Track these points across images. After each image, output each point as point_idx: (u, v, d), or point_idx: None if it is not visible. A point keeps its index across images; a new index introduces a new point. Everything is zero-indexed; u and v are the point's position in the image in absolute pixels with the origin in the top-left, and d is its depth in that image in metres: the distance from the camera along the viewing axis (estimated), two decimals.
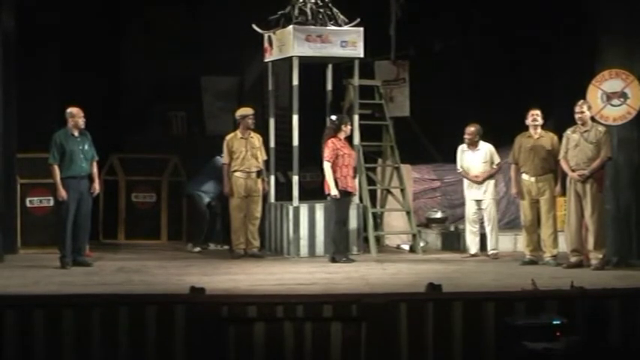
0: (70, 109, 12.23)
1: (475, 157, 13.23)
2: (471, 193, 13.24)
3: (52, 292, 9.80)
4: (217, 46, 15.28)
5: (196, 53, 15.33)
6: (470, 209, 13.25)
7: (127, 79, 15.71)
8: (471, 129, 13.20)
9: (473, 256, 13.13)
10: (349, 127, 12.91)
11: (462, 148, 13.33)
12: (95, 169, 12.41)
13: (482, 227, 13.25)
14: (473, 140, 13.23)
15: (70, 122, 12.23)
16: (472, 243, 13.23)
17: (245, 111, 13.39)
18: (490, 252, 13.13)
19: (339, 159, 12.65)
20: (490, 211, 13.17)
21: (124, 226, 15.16)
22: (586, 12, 12.98)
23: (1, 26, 12.73)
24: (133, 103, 15.66)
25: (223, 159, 13.33)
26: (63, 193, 12.02)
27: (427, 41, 15.51)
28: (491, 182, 13.20)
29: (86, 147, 12.28)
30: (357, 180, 13.19)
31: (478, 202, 13.20)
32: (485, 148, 13.24)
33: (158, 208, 15.16)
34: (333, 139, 12.73)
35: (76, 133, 12.23)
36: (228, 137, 13.34)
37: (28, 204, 13.63)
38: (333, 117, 12.98)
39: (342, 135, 12.81)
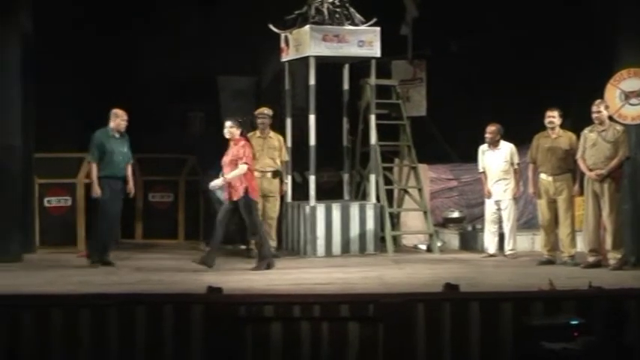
0: (114, 110, 12.37)
1: (496, 156, 13.18)
2: (491, 194, 13.19)
3: (69, 292, 9.82)
4: (234, 46, 15.29)
5: (213, 53, 15.34)
6: (489, 209, 13.21)
7: (144, 79, 15.72)
8: (491, 128, 13.16)
9: (491, 256, 13.09)
10: (224, 129, 12.09)
11: (483, 149, 13.28)
12: (130, 171, 12.51)
13: (500, 227, 13.20)
14: (494, 139, 13.18)
15: (113, 123, 12.33)
16: (490, 243, 13.19)
17: (258, 110, 13.41)
18: (508, 252, 13.08)
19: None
20: (509, 212, 13.12)
21: (141, 225, 15.19)
22: (602, 11, 12.92)
23: (20, 28, 12.78)
24: (150, 103, 15.67)
25: None
26: (98, 191, 12.10)
27: (444, 41, 15.47)
28: (511, 183, 13.14)
29: (125, 149, 12.40)
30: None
31: (497, 202, 13.15)
32: (506, 148, 13.18)
33: (175, 208, 15.19)
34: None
35: (117, 135, 12.33)
36: (248, 135, 13.35)
37: (45, 204, 13.68)
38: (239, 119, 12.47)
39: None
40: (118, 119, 12.36)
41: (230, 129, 11.99)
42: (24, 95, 12.73)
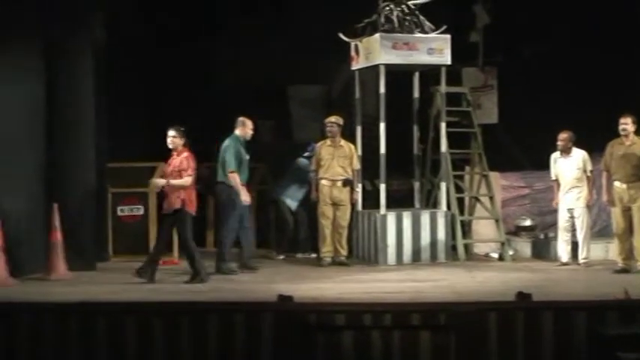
0: (241, 119, 12.61)
1: (568, 164, 13.01)
2: (564, 202, 13.03)
3: (141, 300, 9.92)
4: (304, 55, 15.33)
5: (283, 62, 15.40)
6: (562, 217, 13.05)
7: (215, 89, 15.84)
8: (563, 135, 13.00)
9: (564, 264, 12.93)
10: (168, 138, 11.78)
11: (555, 156, 13.12)
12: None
13: (573, 235, 13.03)
14: (566, 147, 13.01)
15: (240, 131, 12.53)
16: (564, 251, 13.02)
17: (327, 119, 13.43)
18: (581, 260, 12.91)
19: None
20: (582, 220, 12.95)
21: (212, 234, 15.27)
22: None
23: (93, 38, 12.97)
24: (221, 113, 15.75)
25: (312, 166, 13.41)
26: (248, 198, 12.35)
27: (515, 47, 15.34)
28: (584, 190, 12.96)
29: (248, 157, 12.61)
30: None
31: (570, 210, 12.99)
32: (579, 155, 13.00)
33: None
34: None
35: (243, 142, 12.56)
36: (318, 144, 13.40)
37: (119, 212, 13.83)
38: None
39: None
40: (246, 128, 12.58)
41: (173, 139, 11.71)
42: (96, 108, 12.90)
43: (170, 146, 11.75)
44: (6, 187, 11.75)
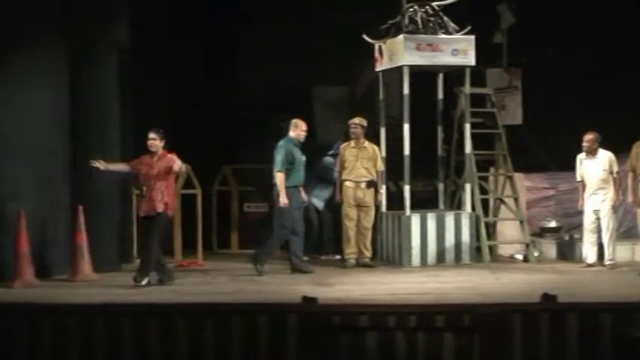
0: (295, 120, 12.67)
1: (594, 165, 12.93)
2: (590, 203, 12.96)
3: (166, 301, 9.95)
4: (328, 57, 15.33)
5: (307, 63, 15.40)
6: (588, 219, 12.97)
7: (238, 90, 15.87)
8: (589, 136, 12.91)
9: (590, 266, 12.86)
10: (148, 141, 11.58)
11: (581, 157, 13.04)
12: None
13: (599, 237, 12.96)
14: (591, 148, 12.93)
15: (293, 132, 12.58)
16: (590, 253, 12.95)
17: (351, 120, 13.41)
18: (607, 262, 12.84)
19: (139, 175, 11.63)
20: (608, 221, 12.87)
21: (236, 236, 15.31)
22: None
23: (118, 40, 13.01)
24: (245, 114, 15.80)
25: (336, 167, 13.41)
26: (286, 200, 12.31)
27: (539, 47, 15.28)
28: (610, 192, 12.89)
29: (303, 158, 12.63)
30: None
31: (596, 211, 12.91)
32: (605, 157, 12.92)
33: (270, 218, 15.22)
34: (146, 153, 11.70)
35: (297, 144, 12.58)
36: (342, 146, 13.40)
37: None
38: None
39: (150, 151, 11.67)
40: (298, 129, 12.61)
41: (153, 141, 11.55)
42: (122, 109, 12.95)
43: (152, 149, 11.55)
44: (31, 189, 11.82)
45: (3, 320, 8.79)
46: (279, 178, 12.40)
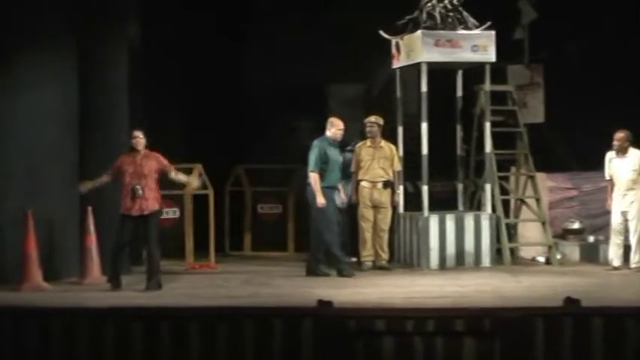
0: (331, 119, 12.70)
1: (624, 164, 12.85)
2: (618, 204, 12.88)
3: (177, 305, 9.95)
4: (343, 53, 15.33)
5: (321, 60, 15.40)
6: (615, 220, 12.90)
7: (252, 89, 15.89)
8: (620, 135, 12.83)
9: (615, 269, 12.80)
10: (135, 139, 11.58)
11: (610, 156, 12.98)
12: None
13: (626, 239, 12.90)
14: (622, 146, 12.86)
15: (329, 132, 12.61)
16: (616, 255, 12.89)
17: (367, 119, 13.39)
18: (633, 265, 12.77)
19: (122, 176, 11.54)
20: (636, 223, 12.79)
21: (249, 237, 15.32)
22: None
23: (128, 37, 13.03)
24: (258, 113, 15.82)
25: (352, 167, 13.40)
26: (323, 201, 12.34)
27: (562, 43, 15.23)
28: (639, 192, 12.82)
29: (340, 158, 12.69)
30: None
31: (624, 212, 12.84)
32: (636, 156, 12.83)
33: (284, 219, 15.27)
34: (125, 153, 11.71)
35: (333, 143, 12.60)
36: (358, 145, 13.38)
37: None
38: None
39: (134, 149, 11.62)
40: (334, 128, 12.63)
41: (140, 139, 11.57)
42: (131, 108, 12.95)
43: (138, 147, 11.56)
44: (39, 190, 11.85)
45: (11, 324, 8.80)
46: (313, 178, 12.43)
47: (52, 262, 11.96)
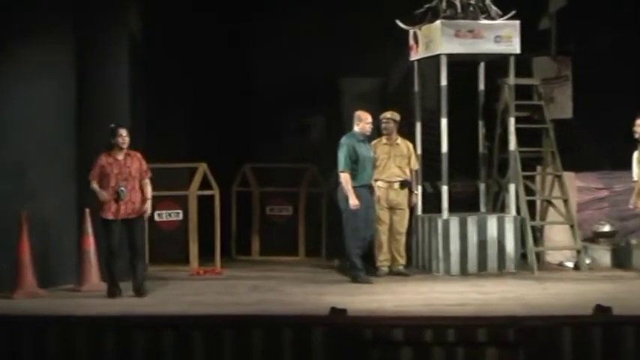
0: (358, 113, 12.77)
1: None
2: None
3: (181, 313, 9.99)
4: (357, 45, 15.33)
5: (334, 53, 15.41)
6: None
7: (259, 83, 15.91)
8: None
9: None
10: (120, 137, 11.60)
11: (638, 155, 12.97)
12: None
13: None
14: None
15: (357, 127, 12.67)
16: None
17: (383, 114, 13.40)
18: None
19: (105, 178, 11.56)
20: None
21: (258, 241, 15.35)
22: None
23: (129, 31, 13.07)
24: (266, 109, 15.84)
25: None
26: (357, 202, 12.39)
27: (592, 33, 15.22)
28: None
29: (371, 154, 12.75)
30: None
31: None
32: None
33: (295, 222, 15.29)
34: (104, 153, 11.63)
35: (363, 139, 12.64)
36: (372, 143, 13.40)
37: (156, 218, 13.90)
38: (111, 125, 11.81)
39: (114, 148, 11.61)
40: (362, 122, 12.69)
41: (125, 138, 11.60)
42: (132, 105, 12.98)
43: (123, 145, 11.60)
44: (34, 190, 11.91)
45: (4, 334, 8.85)
46: (344, 178, 12.49)
47: (48, 268, 12.01)
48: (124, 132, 11.65)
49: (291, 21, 15.59)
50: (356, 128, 12.71)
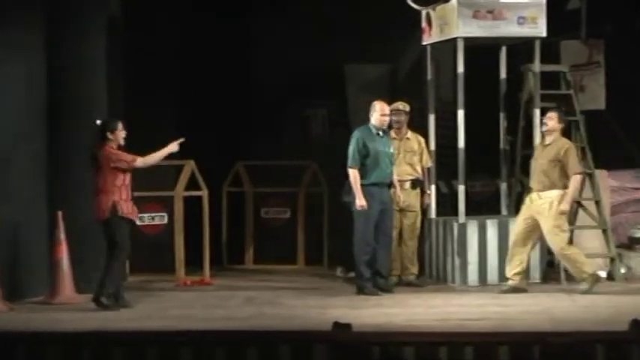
0: (374, 103, 12.69)
1: None
2: None
3: (166, 328, 10.02)
4: (363, 28, 15.37)
5: (337, 37, 15.44)
6: None
7: (254, 70, 15.93)
8: None
9: None
10: (123, 132, 11.79)
11: None
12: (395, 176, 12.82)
13: None
14: None
15: (373, 118, 12.64)
16: None
17: (392, 105, 13.37)
18: None
19: (122, 174, 11.75)
20: None
21: (251, 247, 15.39)
22: None
23: (108, 14, 13.09)
24: (262, 99, 15.87)
25: None
26: (364, 202, 12.38)
27: (627, 15, 15.25)
28: None
29: (390, 149, 12.72)
30: None
31: None
32: None
33: (293, 226, 15.32)
34: (108, 146, 11.72)
35: (380, 132, 12.64)
36: None
37: (138, 221, 13.87)
38: (98, 121, 12.01)
39: (113, 144, 11.72)
40: (377, 113, 12.66)
41: (122, 132, 11.77)
42: (110, 95, 13.00)
43: (122, 143, 11.76)
44: None
45: None
46: (352, 175, 12.49)
47: (14, 278, 12.01)
48: (120, 126, 11.77)
49: (292, 2, 15.63)
50: (371, 120, 12.71)
